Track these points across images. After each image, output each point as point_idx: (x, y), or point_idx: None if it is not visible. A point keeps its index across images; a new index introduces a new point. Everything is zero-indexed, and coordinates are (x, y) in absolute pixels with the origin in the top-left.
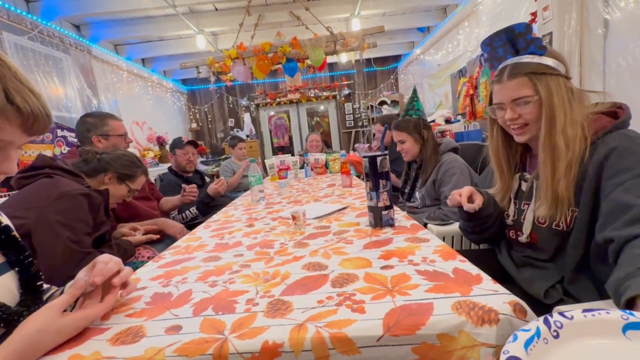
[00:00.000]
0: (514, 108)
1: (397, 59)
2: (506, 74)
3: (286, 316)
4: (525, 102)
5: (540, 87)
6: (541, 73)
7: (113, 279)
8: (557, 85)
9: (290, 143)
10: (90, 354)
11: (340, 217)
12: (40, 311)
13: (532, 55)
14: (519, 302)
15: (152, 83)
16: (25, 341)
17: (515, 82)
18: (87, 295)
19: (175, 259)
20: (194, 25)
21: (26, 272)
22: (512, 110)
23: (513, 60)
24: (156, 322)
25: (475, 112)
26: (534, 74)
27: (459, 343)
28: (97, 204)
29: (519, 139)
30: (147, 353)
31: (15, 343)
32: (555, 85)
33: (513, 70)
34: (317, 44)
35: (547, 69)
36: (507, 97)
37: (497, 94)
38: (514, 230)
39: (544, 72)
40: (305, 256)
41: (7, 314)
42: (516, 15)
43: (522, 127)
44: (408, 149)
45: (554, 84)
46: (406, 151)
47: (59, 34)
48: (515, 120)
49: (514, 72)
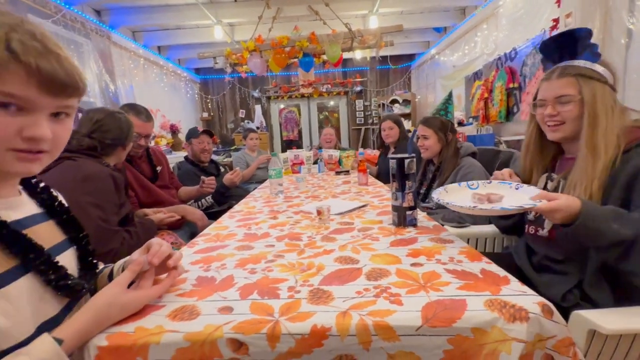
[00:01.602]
0: (555, 105)
1: (411, 58)
2: (556, 73)
3: (329, 304)
4: (567, 100)
5: (585, 90)
6: (589, 77)
7: (168, 261)
8: (603, 92)
9: (300, 137)
10: (154, 327)
11: (361, 214)
12: (109, 287)
13: (584, 61)
14: (546, 304)
15: (167, 71)
16: (96, 312)
17: (563, 81)
18: (142, 275)
19: (209, 246)
20: (213, 15)
21: (83, 249)
22: (553, 107)
23: (566, 63)
24: (207, 302)
25: (489, 116)
26: (582, 76)
27: (491, 337)
28: (120, 184)
29: (552, 135)
30: (207, 329)
31: (88, 313)
32: (601, 91)
33: (563, 71)
34: (334, 40)
35: (595, 74)
36: (551, 94)
37: (542, 91)
38: (534, 226)
39: (591, 76)
40: (334, 250)
41: (74, 284)
42: (537, 20)
43: (558, 125)
44: (429, 145)
45: (600, 90)
46: (426, 147)
47: (81, 18)
48: (553, 117)
49: (564, 72)
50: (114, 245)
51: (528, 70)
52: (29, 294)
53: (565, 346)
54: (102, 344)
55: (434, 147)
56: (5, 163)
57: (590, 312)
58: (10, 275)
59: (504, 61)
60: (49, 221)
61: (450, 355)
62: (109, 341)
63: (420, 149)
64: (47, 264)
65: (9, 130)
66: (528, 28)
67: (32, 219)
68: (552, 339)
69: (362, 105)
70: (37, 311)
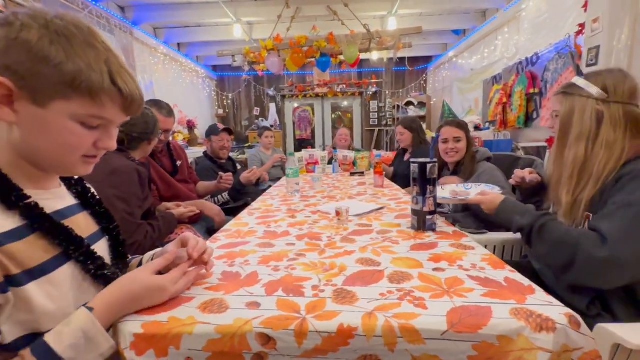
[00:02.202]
0: (552, 119)
1: (428, 60)
2: (556, 91)
3: (354, 304)
4: (557, 115)
5: (564, 105)
6: (570, 93)
7: (204, 256)
8: (582, 106)
9: (313, 136)
10: (186, 318)
11: (379, 216)
12: (139, 269)
13: (577, 77)
14: (573, 315)
15: (185, 67)
16: (121, 287)
17: (555, 97)
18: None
19: (231, 242)
20: (232, 13)
21: (115, 239)
22: (552, 120)
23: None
24: (235, 297)
25: (507, 121)
26: (565, 93)
27: (517, 345)
28: (144, 178)
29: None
30: (236, 323)
31: (114, 287)
32: (580, 105)
33: (560, 88)
34: (352, 40)
35: (577, 89)
36: (552, 108)
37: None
38: None
39: (572, 92)
40: (355, 251)
41: (110, 273)
42: (562, 25)
43: (554, 137)
44: (460, 148)
45: (579, 104)
46: (457, 150)
47: (106, 14)
48: (551, 129)
49: (559, 90)
50: (137, 238)
51: (550, 76)
52: (70, 280)
53: (591, 359)
54: (138, 332)
55: (463, 150)
56: (75, 166)
57: (614, 325)
58: (55, 263)
59: (524, 66)
60: (84, 212)
61: None
62: (144, 329)
63: (450, 152)
64: (87, 254)
65: (87, 142)
66: (552, 32)
67: (71, 209)
68: (578, 351)
69: (376, 106)
70: (77, 296)
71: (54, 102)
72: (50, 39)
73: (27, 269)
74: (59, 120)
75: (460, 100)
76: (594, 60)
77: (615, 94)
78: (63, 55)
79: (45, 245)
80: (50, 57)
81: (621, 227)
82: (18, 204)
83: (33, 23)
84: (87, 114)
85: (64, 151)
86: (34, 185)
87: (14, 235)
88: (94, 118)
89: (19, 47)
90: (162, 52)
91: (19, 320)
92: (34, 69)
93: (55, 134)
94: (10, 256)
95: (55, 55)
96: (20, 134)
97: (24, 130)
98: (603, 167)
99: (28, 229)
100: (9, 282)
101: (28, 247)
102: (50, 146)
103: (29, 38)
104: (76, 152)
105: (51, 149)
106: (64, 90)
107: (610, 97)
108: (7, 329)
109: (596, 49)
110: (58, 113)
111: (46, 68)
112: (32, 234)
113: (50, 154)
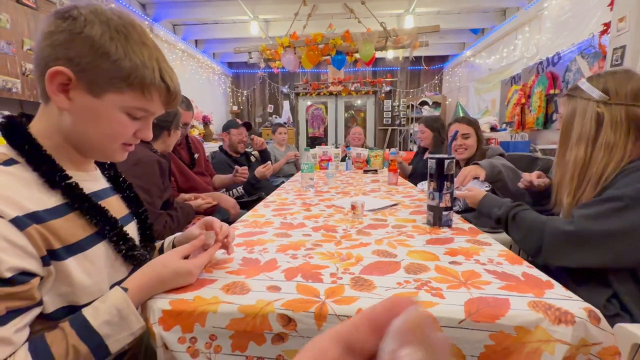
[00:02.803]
0: (559, 121)
1: (444, 60)
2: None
3: (372, 291)
4: (559, 117)
5: (566, 107)
6: (573, 96)
7: (227, 238)
8: (583, 108)
9: (325, 134)
10: (210, 297)
11: (394, 212)
12: (168, 253)
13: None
14: (593, 310)
15: (202, 64)
16: (153, 269)
17: (561, 100)
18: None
19: (249, 231)
20: (250, 11)
21: (143, 223)
22: (559, 122)
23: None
24: (256, 280)
25: (525, 122)
26: (569, 95)
27: (534, 336)
28: (165, 169)
29: None
30: (259, 304)
31: (146, 269)
32: (582, 107)
33: (566, 91)
34: (369, 38)
35: (579, 92)
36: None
37: None
38: None
39: (575, 95)
40: (371, 243)
41: (140, 255)
42: (586, 24)
43: None
44: (470, 145)
45: (580, 107)
46: (467, 147)
47: (127, 11)
48: (558, 131)
49: (565, 92)
50: (157, 227)
51: (572, 76)
52: (105, 258)
53: (610, 354)
54: (166, 308)
55: (473, 147)
56: (115, 153)
57: (635, 325)
58: (91, 241)
59: (545, 66)
60: (116, 195)
61: (491, 350)
62: (172, 306)
63: (459, 149)
64: (120, 234)
65: (130, 132)
66: (574, 32)
67: (105, 192)
68: (597, 346)
69: (390, 105)
70: (110, 274)
71: (108, 94)
72: (110, 35)
73: (67, 245)
74: (110, 111)
75: (477, 100)
76: (619, 61)
77: (617, 95)
78: (122, 52)
79: (83, 224)
80: (110, 53)
81: (594, 212)
82: (61, 183)
83: (95, 19)
84: (136, 106)
85: (109, 139)
86: (74, 167)
87: (55, 212)
88: (140, 110)
89: (82, 41)
90: (180, 49)
91: (59, 292)
92: (94, 63)
93: (104, 123)
94: (51, 231)
95: (115, 52)
96: (71, 120)
97: (76, 117)
98: (602, 169)
99: (68, 208)
100: (51, 256)
101: (68, 224)
102: (98, 133)
103: (92, 34)
104: (119, 140)
105: (98, 136)
106: (119, 84)
107: (611, 99)
108: (48, 299)
109: (622, 48)
110: (110, 104)
111: (106, 62)
112: (71, 212)
113: (97, 141)
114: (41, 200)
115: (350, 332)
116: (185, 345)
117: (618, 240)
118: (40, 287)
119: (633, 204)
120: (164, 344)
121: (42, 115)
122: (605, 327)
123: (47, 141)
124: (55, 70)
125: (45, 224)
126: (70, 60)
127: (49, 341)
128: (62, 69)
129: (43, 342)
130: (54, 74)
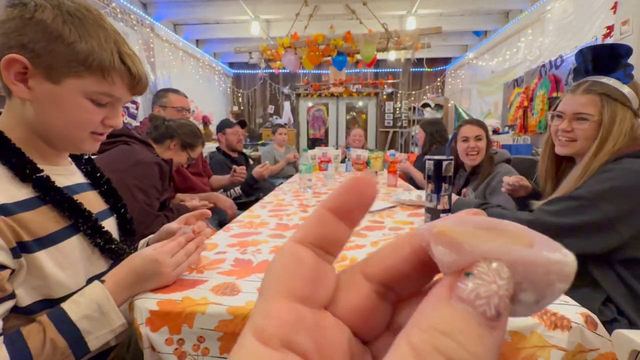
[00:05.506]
0: (572, 122)
1: (447, 62)
2: (582, 88)
3: None
4: (584, 118)
5: (606, 111)
6: (614, 98)
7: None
8: (623, 116)
9: (326, 136)
10: (199, 298)
11: (391, 214)
12: (145, 248)
13: (614, 80)
14: (590, 315)
15: (203, 64)
16: (126, 262)
17: (587, 97)
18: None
19: (243, 232)
20: (251, 11)
21: (123, 218)
22: (569, 122)
23: (595, 78)
24: (246, 281)
25: (527, 126)
26: (607, 96)
27: (530, 342)
28: (165, 172)
29: (560, 150)
30: (249, 305)
31: (124, 264)
32: (622, 115)
33: (590, 87)
34: (370, 39)
35: (621, 96)
36: (571, 109)
37: (563, 103)
38: None
39: (616, 98)
40: (366, 245)
41: (118, 248)
42: (589, 27)
43: (569, 142)
44: (482, 147)
45: (621, 114)
46: (478, 150)
47: (129, 10)
48: (566, 133)
49: (591, 88)
50: (154, 229)
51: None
52: (79, 251)
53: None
54: (154, 308)
55: (484, 150)
56: (84, 142)
57: (634, 332)
58: (64, 234)
59: (548, 69)
60: (94, 191)
61: None
62: (159, 306)
63: (471, 152)
64: (94, 227)
65: (97, 119)
66: (577, 35)
67: (81, 186)
68: (594, 352)
69: (391, 107)
70: (86, 267)
71: (67, 79)
72: (63, 19)
73: (38, 238)
74: (72, 97)
75: (479, 103)
76: None
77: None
78: (76, 35)
79: (56, 217)
80: (64, 36)
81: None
82: (31, 176)
83: (46, 4)
84: (98, 91)
85: (75, 127)
86: (46, 161)
87: (25, 205)
88: (103, 95)
89: (34, 26)
90: (181, 48)
91: (33, 285)
92: (49, 47)
93: (67, 110)
94: (21, 224)
95: (68, 35)
96: (34, 110)
97: (38, 106)
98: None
99: (40, 201)
100: (21, 248)
101: (39, 217)
102: (63, 122)
103: (44, 18)
104: (86, 128)
105: (63, 125)
106: (77, 68)
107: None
108: (22, 292)
109: None
110: (71, 89)
111: (60, 46)
112: (43, 206)
113: (62, 130)
114: (11, 192)
115: (317, 232)
116: (172, 347)
117: (565, 236)
118: (12, 280)
119: (588, 205)
120: (151, 346)
121: (7, 110)
122: (602, 333)
123: (14, 134)
124: (9, 58)
125: (14, 217)
126: (24, 47)
127: (25, 334)
128: (16, 56)
129: (19, 334)
130: (8, 62)
